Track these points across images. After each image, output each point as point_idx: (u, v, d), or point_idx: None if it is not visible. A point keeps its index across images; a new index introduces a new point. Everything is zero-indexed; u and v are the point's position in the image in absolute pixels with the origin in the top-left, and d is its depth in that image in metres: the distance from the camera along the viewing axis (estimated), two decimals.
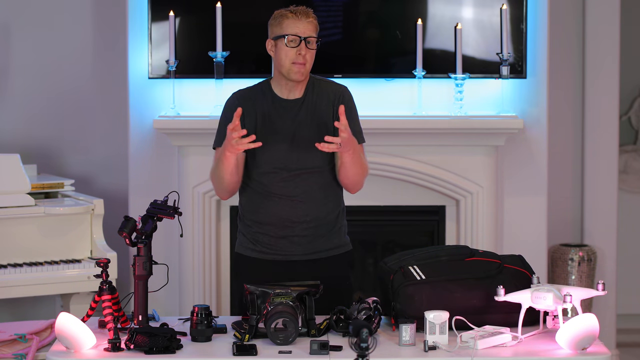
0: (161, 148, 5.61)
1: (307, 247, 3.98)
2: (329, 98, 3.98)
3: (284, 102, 3.97)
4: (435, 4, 5.55)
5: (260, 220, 3.99)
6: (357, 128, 4.01)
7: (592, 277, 5.91)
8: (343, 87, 4.05)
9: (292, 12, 3.92)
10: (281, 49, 3.91)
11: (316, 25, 3.94)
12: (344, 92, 4.02)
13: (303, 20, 3.90)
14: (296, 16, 3.90)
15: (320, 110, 3.97)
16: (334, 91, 4.01)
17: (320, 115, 3.96)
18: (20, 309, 5.77)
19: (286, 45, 3.89)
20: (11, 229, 5.04)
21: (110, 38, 5.93)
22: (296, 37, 3.88)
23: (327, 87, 4.02)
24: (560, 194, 6.03)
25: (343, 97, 4.00)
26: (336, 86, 4.04)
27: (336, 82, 4.07)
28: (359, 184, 4.01)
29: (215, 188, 4.03)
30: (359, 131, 4.02)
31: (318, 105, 3.97)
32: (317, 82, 4.02)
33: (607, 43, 5.92)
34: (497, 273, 3.78)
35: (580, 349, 3.46)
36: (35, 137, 5.93)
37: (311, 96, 3.98)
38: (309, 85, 3.99)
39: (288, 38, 3.89)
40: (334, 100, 3.98)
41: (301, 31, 3.89)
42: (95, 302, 3.70)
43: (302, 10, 3.93)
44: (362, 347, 2.91)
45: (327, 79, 4.07)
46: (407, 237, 5.81)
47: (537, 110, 5.63)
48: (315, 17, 3.95)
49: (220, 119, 4.03)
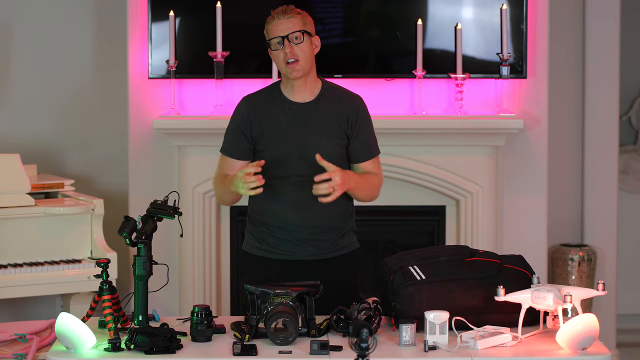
0: (161, 148, 5.61)
1: (312, 249, 3.98)
2: (342, 107, 3.96)
3: (293, 106, 3.96)
4: (435, 4, 5.55)
5: (268, 223, 3.98)
6: (371, 140, 4.01)
7: (592, 277, 5.91)
8: (358, 98, 4.02)
9: (271, 15, 3.93)
10: (272, 54, 3.93)
11: (300, 20, 3.90)
12: (359, 104, 4.00)
13: (282, 19, 3.89)
14: (275, 17, 3.91)
15: (332, 118, 3.95)
16: (349, 101, 3.98)
17: (332, 123, 3.95)
18: (20, 309, 5.77)
19: (273, 50, 3.90)
20: (11, 229, 5.05)
21: (110, 38, 5.93)
22: (278, 38, 3.88)
23: (341, 95, 4.00)
24: (560, 194, 6.03)
25: (358, 109, 3.98)
26: (351, 96, 4.01)
27: (351, 91, 4.05)
28: (372, 199, 4.04)
29: (217, 197, 4.05)
30: (374, 143, 4.02)
31: (331, 112, 3.95)
32: (332, 88, 4.01)
33: (607, 43, 5.92)
34: (497, 273, 3.78)
35: (580, 349, 3.46)
36: (35, 137, 5.93)
37: (324, 102, 3.96)
38: (322, 91, 3.98)
39: (272, 42, 3.90)
40: (348, 112, 3.96)
41: (281, 30, 3.89)
42: (95, 302, 3.70)
43: (280, 10, 3.92)
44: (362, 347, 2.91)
45: (342, 87, 4.06)
46: (407, 237, 5.81)
47: (537, 110, 5.63)
48: (298, 12, 3.92)
49: (229, 124, 4.02)
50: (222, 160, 4.02)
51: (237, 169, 3.93)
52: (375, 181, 4.00)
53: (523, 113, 5.62)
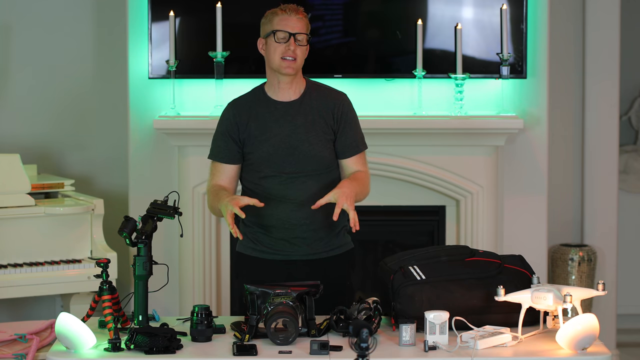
0: (161, 148, 5.61)
1: (307, 248, 3.99)
2: (327, 103, 3.98)
3: (279, 105, 3.97)
4: (435, 4, 5.55)
5: (261, 222, 3.99)
6: (358, 136, 4.02)
7: (592, 277, 5.91)
8: (343, 94, 4.05)
9: (282, 9, 3.94)
10: (271, 45, 3.93)
11: (306, 23, 3.95)
12: (343, 99, 4.02)
13: (293, 17, 3.92)
14: (286, 13, 3.92)
15: (318, 114, 3.97)
16: (334, 98, 4.01)
17: (319, 120, 3.96)
18: (20, 309, 5.77)
19: (276, 41, 3.90)
20: (11, 229, 5.05)
21: (110, 38, 5.93)
22: (285, 33, 3.90)
23: (326, 92, 4.03)
24: (560, 194, 6.03)
25: (343, 104, 4.00)
26: (336, 93, 4.04)
27: (335, 88, 4.07)
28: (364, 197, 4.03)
29: (209, 208, 4.05)
30: (361, 139, 4.03)
31: (316, 109, 3.97)
32: (316, 86, 4.03)
33: (607, 43, 5.92)
34: (497, 273, 3.78)
35: (580, 349, 3.46)
36: (35, 137, 5.93)
37: (309, 100, 3.98)
38: (306, 89, 4.00)
39: (277, 34, 3.90)
40: (333, 108, 3.98)
41: (290, 27, 3.90)
42: (95, 302, 3.70)
43: (291, 8, 3.94)
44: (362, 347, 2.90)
45: (326, 85, 4.07)
46: (407, 237, 5.81)
47: (537, 110, 5.63)
48: (305, 15, 3.96)
49: (217, 130, 4.04)
50: (213, 168, 4.02)
51: (228, 174, 3.97)
52: (365, 178, 4.01)
53: (523, 113, 5.62)
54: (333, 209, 3.90)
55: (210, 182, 4.02)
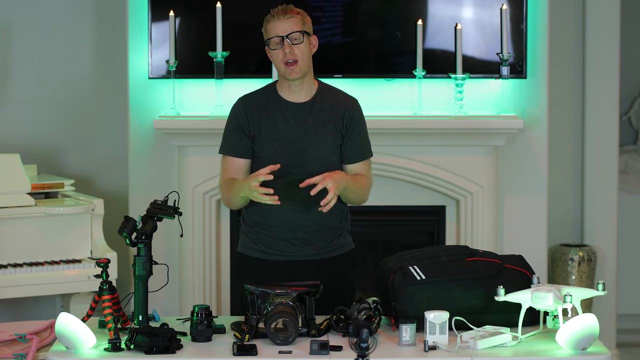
0: (161, 148, 5.61)
1: (309, 249, 3.99)
2: (339, 107, 3.98)
3: (290, 106, 3.97)
4: (435, 4, 5.55)
5: (263, 222, 3.99)
6: (365, 143, 4.02)
7: (592, 277, 5.91)
8: (354, 99, 4.05)
9: (271, 14, 3.93)
10: (270, 53, 3.93)
11: (300, 20, 3.91)
12: (355, 105, 4.02)
13: (281, 19, 3.90)
14: (274, 17, 3.91)
15: (328, 118, 3.96)
16: (345, 102, 4.00)
17: (328, 123, 3.96)
18: (20, 309, 5.77)
19: (272, 49, 3.91)
20: (11, 229, 5.05)
21: (110, 38, 5.93)
22: (277, 38, 3.89)
23: (338, 96, 4.02)
24: (560, 194, 6.03)
25: (354, 110, 4.00)
26: (348, 98, 4.03)
27: (347, 93, 4.06)
28: (363, 201, 4.04)
29: (225, 203, 4.02)
30: (367, 146, 4.04)
31: (327, 112, 3.97)
32: (328, 89, 4.02)
33: (607, 43, 5.92)
34: (497, 273, 3.78)
35: (580, 349, 3.46)
36: (35, 137, 5.93)
37: (320, 102, 3.97)
38: (318, 91, 3.99)
39: (271, 42, 3.91)
40: (344, 112, 3.98)
41: (281, 30, 3.89)
42: (95, 302, 3.70)
43: (279, 9, 3.93)
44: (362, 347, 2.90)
45: (338, 89, 4.06)
46: (407, 237, 5.81)
47: (537, 110, 5.63)
48: (298, 12, 3.93)
49: (227, 124, 4.03)
50: (224, 163, 4.01)
51: (241, 168, 3.95)
52: (365, 182, 4.01)
53: (523, 113, 5.62)
54: (336, 211, 3.91)
55: (222, 177, 4.01)
